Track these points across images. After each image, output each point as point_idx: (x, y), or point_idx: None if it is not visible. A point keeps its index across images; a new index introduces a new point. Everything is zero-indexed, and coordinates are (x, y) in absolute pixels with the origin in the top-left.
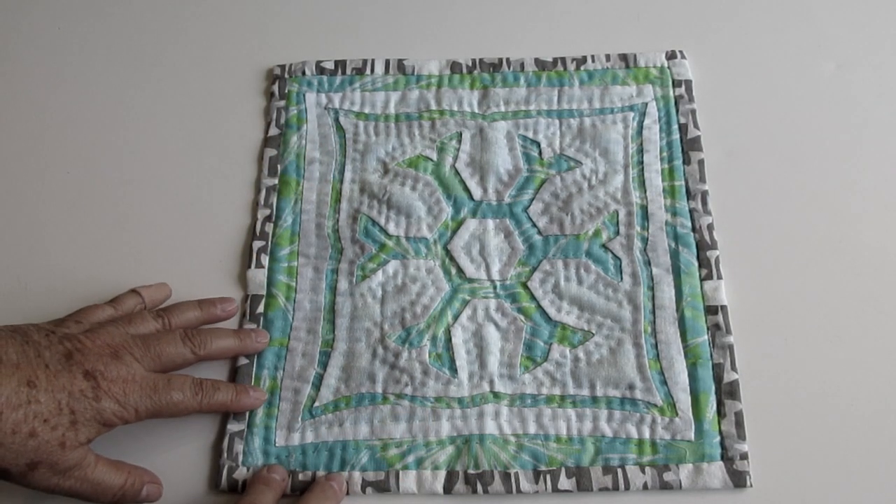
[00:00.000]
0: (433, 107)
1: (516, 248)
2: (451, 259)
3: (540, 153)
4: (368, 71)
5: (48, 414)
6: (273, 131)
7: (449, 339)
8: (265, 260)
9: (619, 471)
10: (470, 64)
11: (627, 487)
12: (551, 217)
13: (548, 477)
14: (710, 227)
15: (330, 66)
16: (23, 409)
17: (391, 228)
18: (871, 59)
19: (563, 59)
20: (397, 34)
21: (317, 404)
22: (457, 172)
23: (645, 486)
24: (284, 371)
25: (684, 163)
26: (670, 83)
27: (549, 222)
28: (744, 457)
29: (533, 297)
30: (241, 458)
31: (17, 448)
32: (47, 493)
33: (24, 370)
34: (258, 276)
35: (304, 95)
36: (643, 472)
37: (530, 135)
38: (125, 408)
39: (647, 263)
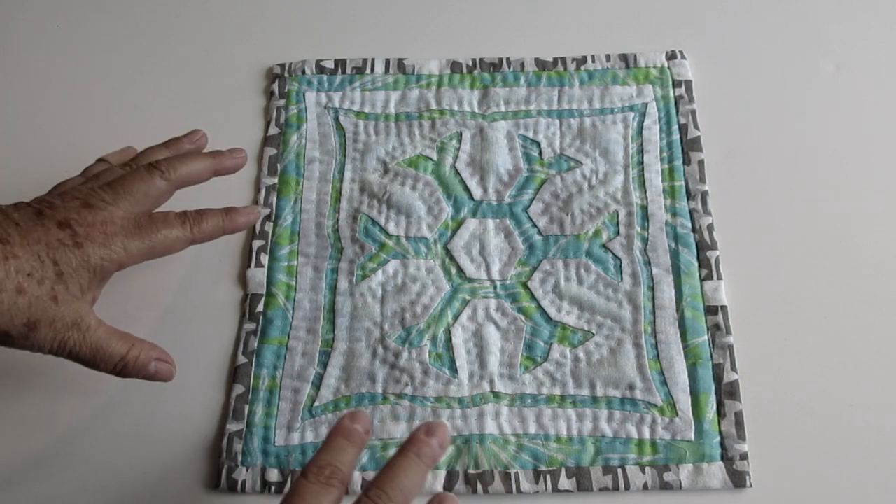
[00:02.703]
0: (433, 106)
1: (516, 248)
2: (452, 259)
3: (540, 153)
4: (368, 70)
5: (30, 268)
6: (273, 130)
7: (449, 339)
8: (265, 259)
9: (619, 471)
10: (470, 64)
11: (627, 487)
12: (551, 217)
13: (548, 477)
14: (710, 228)
15: (330, 65)
16: (2, 266)
17: (391, 228)
18: (871, 59)
19: (563, 59)
20: (397, 34)
21: (317, 404)
22: (457, 172)
23: (645, 487)
24: (284, 370)
25: (684, 163)
26: (670, 83)
27: (549, 222)
28: (744, 457)
29: (533, 297)
30: (240, 457)
31: (8, 308)
32: (51, 355)
33: None
34: (258, 276)
35: (303, 94)
36: (643, 472)
37: (530, 135)
38: (112, 250)
39: (647, 263)
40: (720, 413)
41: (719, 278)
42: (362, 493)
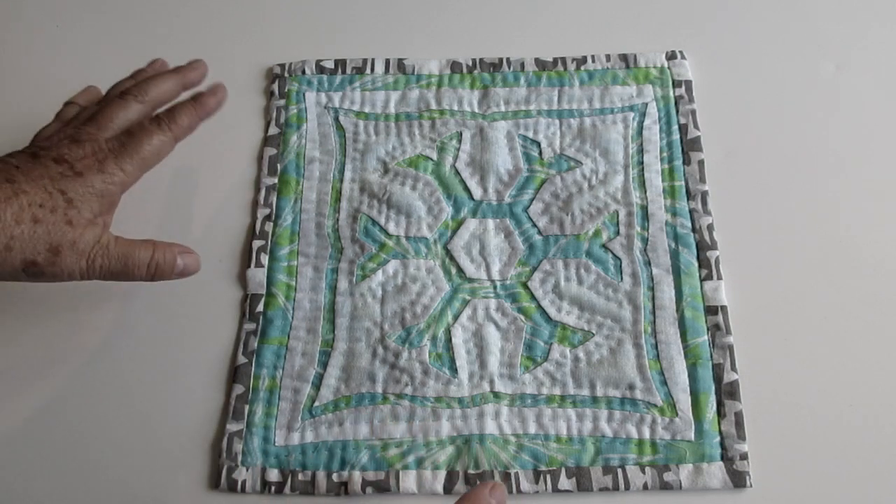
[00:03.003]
0: (433, 106)
1: (516, 248)
2: (452, 259)
3: (540, 153)
4: (368, 70)
5: (41, 200)
6: (273, 130)
7: (449, 339)
8: (265, 259)
9: (619, 471)
10: (470, 64)
11: (627, 487)
12: (551, 217)
13: (548, 477)
14: (710, 228)
15: (330, 65)
16: (15, 201)
17: (391, 228)
18: (871, 59)
19: (563, 59)
20: (397, 34)
21: (317, 404)
22: (457, 172)
23: (645, 487)
24: (284, 370)
25: (684, 163)
26: (670, 83)
27: (549, 222)
28: (744, 457)
29: (533, 297)
30: (240, 457)
31: (28, 236)
32: (89, 279)
33: None
34: (258, 276)
35: (303, 94)
36: (643, 472)
37: (530, 135)
38: (109, 173)
39: (647, 264)
40: (720, 413)
41: (719, 278)
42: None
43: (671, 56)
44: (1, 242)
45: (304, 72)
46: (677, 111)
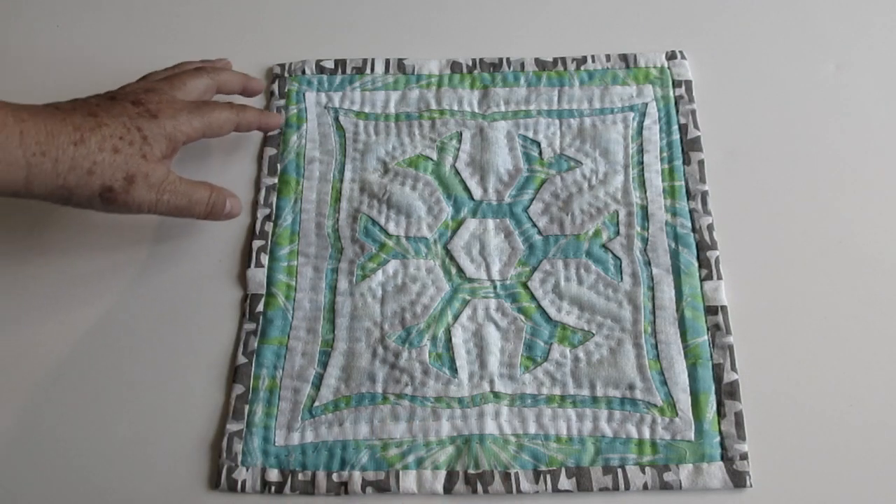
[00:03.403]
0: (433, 106)
1: (516, 248)
2: (452, 259)
3: (540, 153)
4: (368, 70)
5: (120, 133)
6: (273, 130)
7: (449, 339)
8: (265, 259)
9: (619, 471)
10: (470, 64)
11: (627, 487)
12: (551, 217)
13: (548, 477)
14: (710, 228)
15: (330, 65)
16: (98, 132)
17: (391, 228)
18: (871, 59)
19: (563, 59)
20: (397, 34)
21: (317, 404)
22: (457, 172)
23: (645, 487)
24: (284, 370)
25: (684, 163)
26: (670, 83)
27: (549, 222)
28: (744, 457)
29: (533, 297)
30: (240, 457)
31: (108, 163)
32: (153, 213)
33: (80, 108)
34: (258, 276)
35: (303, 94)
36: (643, 472)
37: (530, 135)
38: (180, 121)
39: (647, 264)
40: (720, 413)
41: (719, 278)
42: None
43: (671, 56)
44: (84, 167)
45: (304, 72)
46: (677, 111)
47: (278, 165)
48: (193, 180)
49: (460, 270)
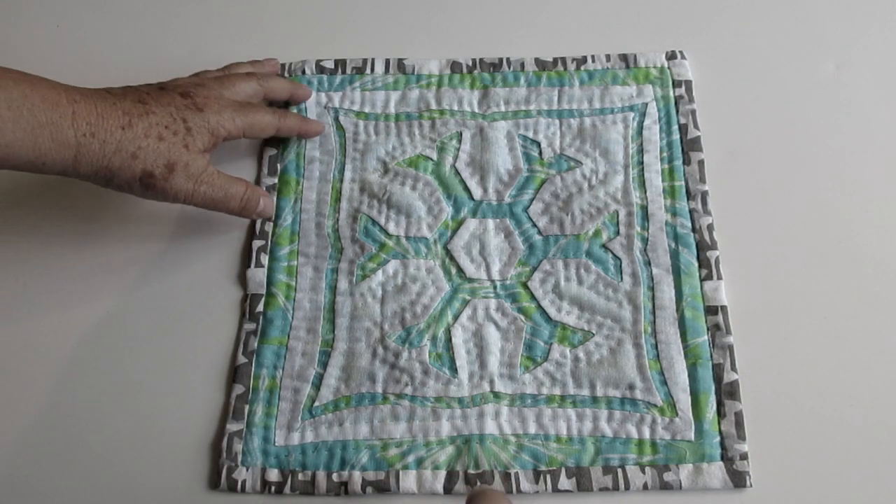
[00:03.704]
0: (433, 106)
1: (516, 248)
2: (452, 259)
3: (540, 153)
4: (368, 70)
5: (166, 122)
6: None
7: (449, 339)
8: (265, 259)
9: (619, 471)
10: (470, 64)
11: (627, 487)
12: (551, 217)
13: (548, 477)
14: (710, 228)
15: (330, 65)
16: (145, 119)
17: (391, 228)
18: (871, 59)
19: (563, 59)
20: (397, 34)
21: (317, 404)
22: (457, 172)
23: (645, 487)
24: (284, 370)
25: (684, 163)
26: (670, 83)
27: (549, 222)
28: (744, 457)
29: (533, 297)
30: (240, 457)
31: (152, 149)
32: (189, 203)
33: (130, 94)
34: (258, 276)
35: None
36: (643, 472)
37: (530, 135)
38: (224, 117)
39: (647, 263)
40: (720, 413)
41: (719, 278)
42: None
43: (671, 56)
44: (129, 150)
45: (304, 72)
46: (677, 111)
47: (278, 165)
48: (230, 175)
49: (460, 270)
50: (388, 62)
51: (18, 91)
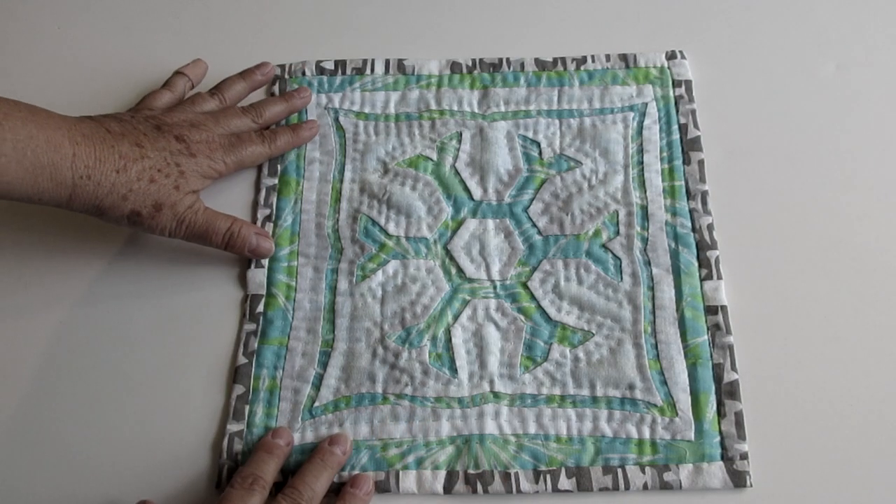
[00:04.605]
0: (433, 107)
1: (516, 248)
2: (451, 259)
3: (540, 153)
4: (368, 71)
5: (160, 165)
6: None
7: (449, 339)
8: (265, 259)
9: (619, 471)
10: (470, 64)
11: (627, 487)
12: (551, 217)
13: (548, 477)
14: (710, 228)
15: (330, 66)
16: (140, 163)
17: (391, 228)
18: (871, 59)
19: (563, 59)
20: (397, 34)
21: (317, 404)
22: (457, 172)
23: (645, 486)
24: (284, 371)
25: (684, 163)
26: (670, 83)
27: (549, 222)
28: (744, 457)
29: (533, 297)
30: (240, 457)
31: (143, 191)
32: (174, 237)
33: (129, 136)
34: (258, 276)
35: None
36: (643, 472)
37: (530, 135)
38: (215, 160)
39: (647, 263)
40: (720, 413)
41: (719, 278)
42: (279, 493)
43: (671, 56)
44: (121, 193)
45: (304, 73)
46: (677, 111)
47: (278, 166)
48: (219, 212)
49: (460, 270)
50: (388, 62)
51: (25, 132)
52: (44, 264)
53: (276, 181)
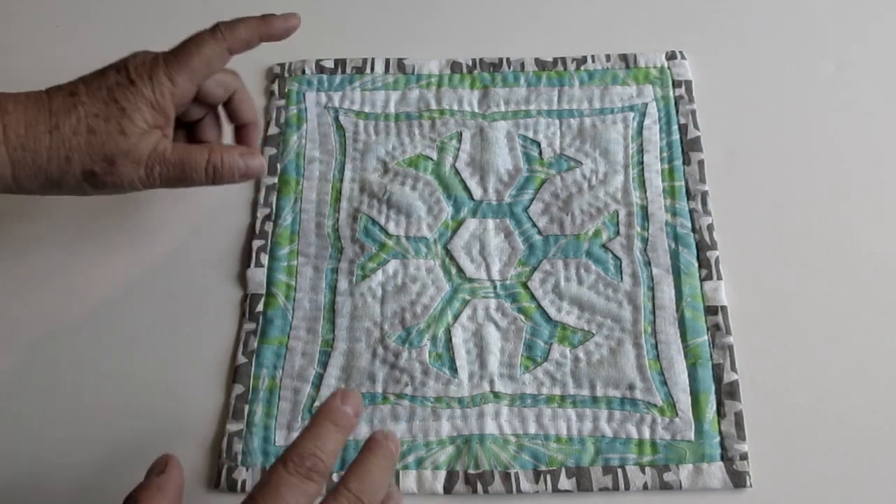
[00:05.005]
0: (433, 106)
1: (516, 248)
2: (452, 259)
3: (540, 153)
4: (368, 70)
5: (96, 110)
6: (273, 130)
7: (449, 339)
8: (265, 259)
9: (619, 471)
10: (470, 64)
11: (627, 487)
12: (551, 217)
13: (548, 477)
14: (710, 228)
15: (330, 64)
16: (73, 114)
17: (391, 228)
18: (871, 59)
19: (563, 59)
20: (397, 33)
21: (317, 404)
22: (457, 172)
23: (645, 487)
24: (284, 370)
25: (684, 163)
26: (670, 83)
27: (549, 222)
28: (744, 457)
29: (533, 297)
30: (240, 457)
31: (84, 147)
32: (150, 188)
33: (67, 87)
34: (258, 275)
35: (303, 94)
36: (643, 472)
37: (530, 135)
38: (159, 81)
39: (647, 264)
40: (720, 413)
41: (719, 278)
42: (336, 492)
43: (671, 56)
44: (62, 155)
45: (304, 72)
46: (677, 111)
47: (278, 165)
48: (191, 145)
49: (460, 270)
50: (388, 62)
51: None
52: (42, 265)
53: (275, 180)
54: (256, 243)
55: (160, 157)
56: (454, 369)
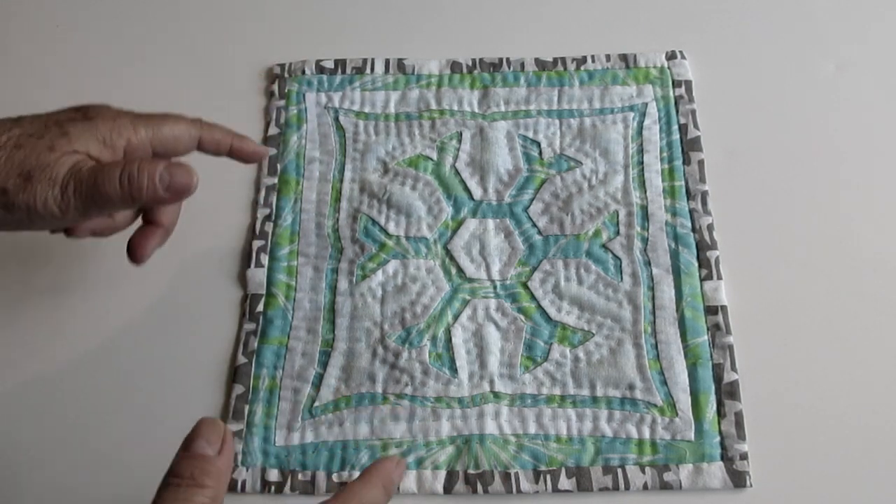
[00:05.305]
0: (433, 106)
1: (516, 248)
2: (452, 259)
3: (540, 153)
4: (368, 70)
5: (33, 130)
6: (273, 130)
7: (449, 339)
8: (265, 259)
9: (619, 471)
10: (470, 64)
11: (627, 487)
12: (551, 217)
13: (548, 477)
14: (710, 228)
15: (330, 65)
16: (6, 133)
17: (391, 228)
18: (871, 59)
19: (563, 59)
20: (397, 34)
21: (317, 404)
22: (457, 172)
23: (645, 486)
24: (284, 370)
25: (684, 163)
26: (670, 83)
27: (549, 222)
28: (744, 457)
29: (533, 297)
30: (240, 457)
31: (4, 162)
32: (64, 214)
33: (18, 117)
34: (258, 276)
35: (303, 95)
36: (643, 472)
37: (530, 135)
38: (121, 126)
39: (647, 263)
40: (720, 413)
41: (719, 278)
42: None
43: (671, 56)
44: None
45: (304, 72)
46: (677, 111)
47: (278, 165)
48: (109, 162)
49: (460, 270)
50: (388, 62)
51: None
52: (42, 265)
53: (275, 180)
54: (256, 243)
55: (75, 174)
56: (454, 369)
